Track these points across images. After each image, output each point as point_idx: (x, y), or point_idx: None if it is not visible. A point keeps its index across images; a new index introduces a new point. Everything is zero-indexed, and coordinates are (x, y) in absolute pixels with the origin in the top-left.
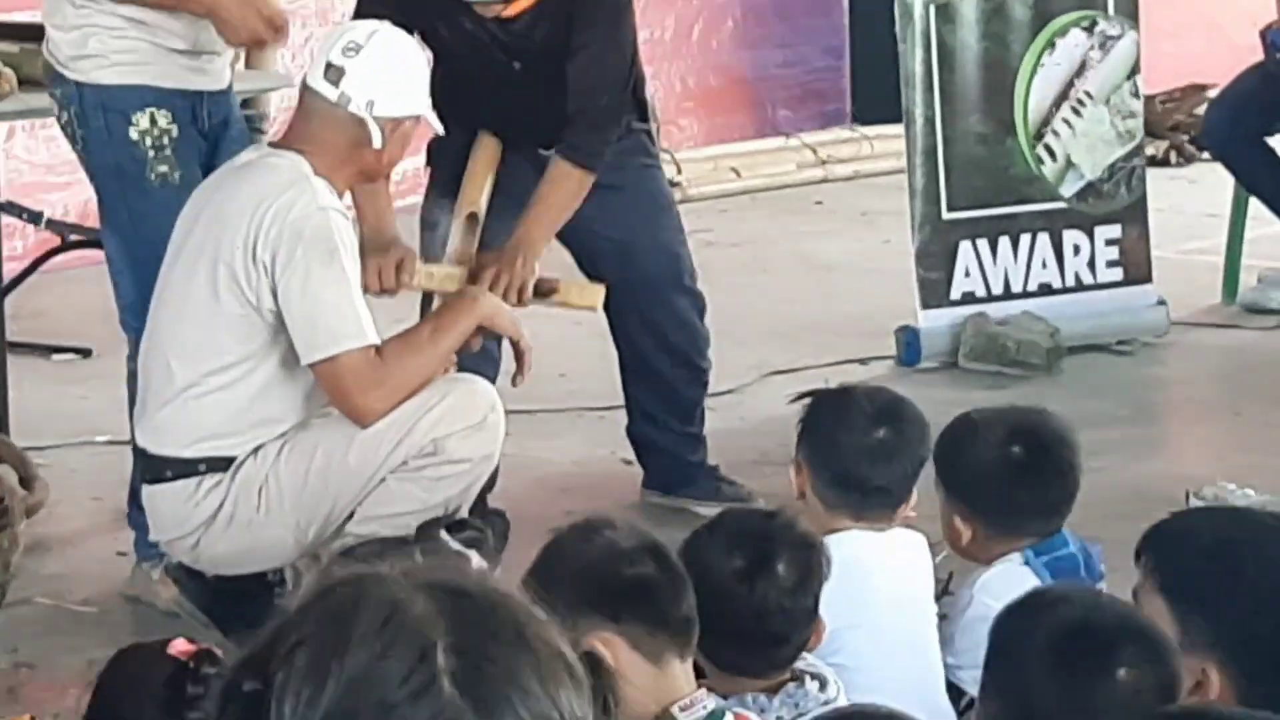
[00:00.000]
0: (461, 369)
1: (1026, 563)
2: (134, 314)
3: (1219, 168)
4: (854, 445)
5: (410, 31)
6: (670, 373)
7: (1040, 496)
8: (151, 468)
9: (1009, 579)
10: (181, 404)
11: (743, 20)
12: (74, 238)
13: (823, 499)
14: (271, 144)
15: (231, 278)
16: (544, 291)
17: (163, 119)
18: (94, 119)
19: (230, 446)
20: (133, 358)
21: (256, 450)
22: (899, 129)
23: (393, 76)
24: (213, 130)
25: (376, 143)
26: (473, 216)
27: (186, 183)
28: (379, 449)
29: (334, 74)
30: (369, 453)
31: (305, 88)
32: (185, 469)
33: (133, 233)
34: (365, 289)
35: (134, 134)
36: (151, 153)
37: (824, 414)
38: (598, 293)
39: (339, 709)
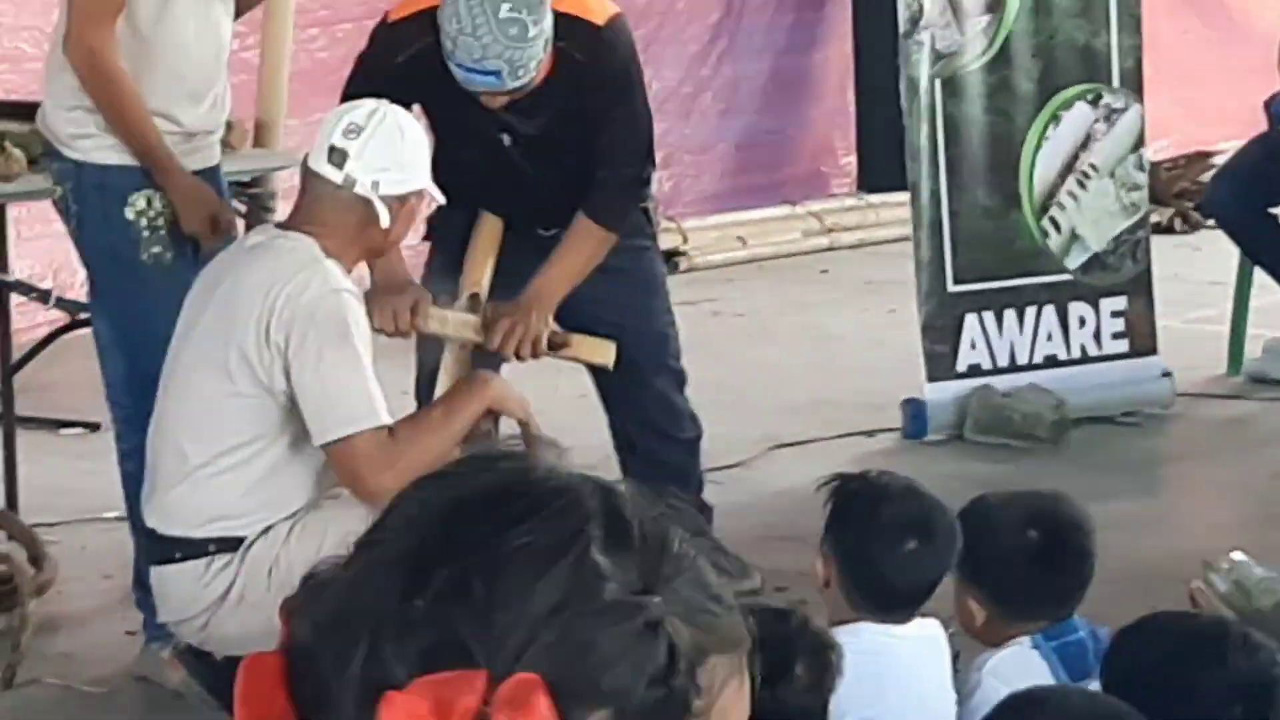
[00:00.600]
0: None
1: (1036, 647)
2: (121, 391)
3: (1224, 235)
4: (886, 558)
5: (407, 108)
6: (651, 445)
7: (1056, 583)
8: (160, 549)
9: (1017, 663)
10: (192, 485)
11: (749, 88)
12: (83, 316)
13: (848, 598)
14: (279, 225)
15: (243, 359)
16: (557, 345)
17: (159, 201)
18: (91, 198)
19: (240, 526)
20: (120, 437)
21: (266, 530)
22: (905, 197)
23: (395, 155)
24: None
25: (384, 222)
26: (475, 297)
27: (179, 264)
28: None
29: (337, 157)
30: None
31: (308, 171)
32: (194, 549)
33: (122, 311)
34: (379, 330)
35: (130, 214)
36: (146, 233)
37: (855, 517)
38: (609, 348)
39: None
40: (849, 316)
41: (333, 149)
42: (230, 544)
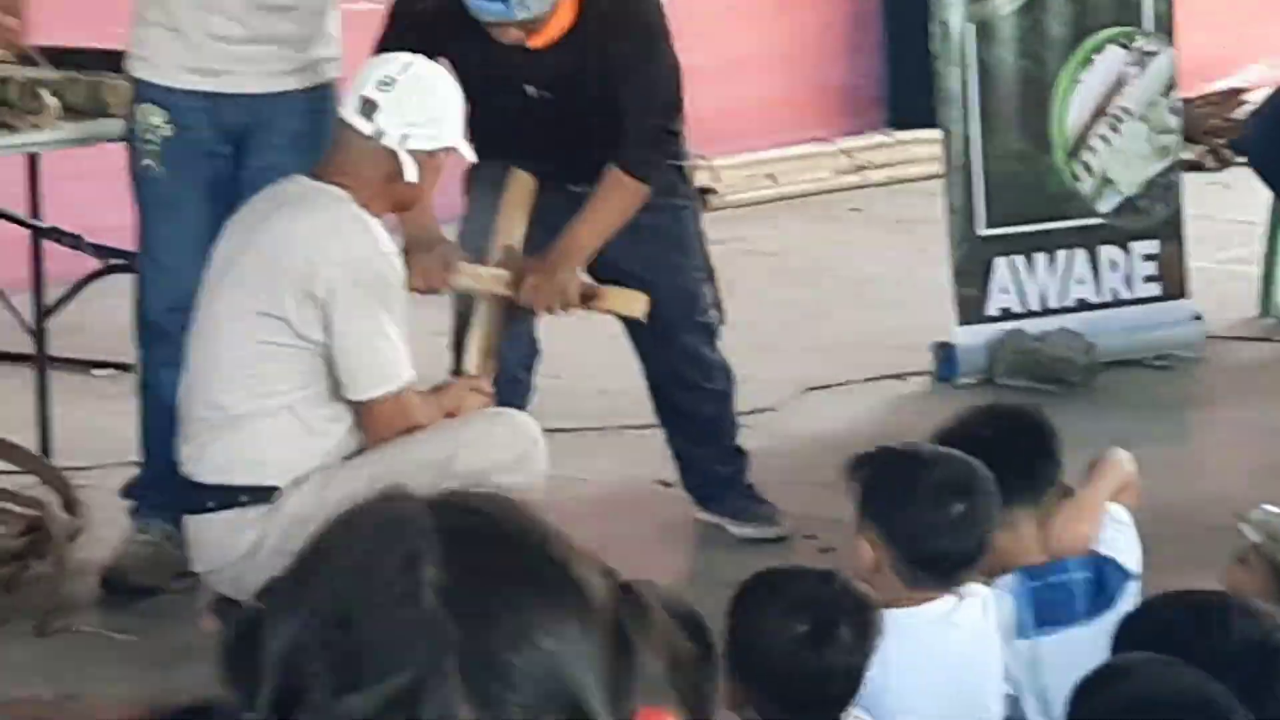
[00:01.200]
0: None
1: (1013, 589)
2: (140, 287)
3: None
4: (934, 527)
5: (437, 60)
6: (681, 396)
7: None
8: (194, 498)
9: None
10: (226, 433)
11: (780, 25)
12: (115, 261)
13: (902, 575)
14: (310, 175)
15: (282, 312)
16: (587, 298)
17: (156, 116)
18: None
19: (273, 475)
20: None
21: (299, 482)
22: (935, 134)
23: (426, 110)
24: (236, 133)
25: (410, 176)
26: (509, 249)
27: (168, 181)
28: (419, 484)
29: (368, 108)
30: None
31: (340, 121)
32: (227, 499)
33: (138, 216)
34: (411, 288)
35: (136, 123)
36: (143, 144)
37: (893, 492)
38: (640, 300)
39: (320, 611)
40: (879, 255)
41: (364, 100)
42: (263, 493)
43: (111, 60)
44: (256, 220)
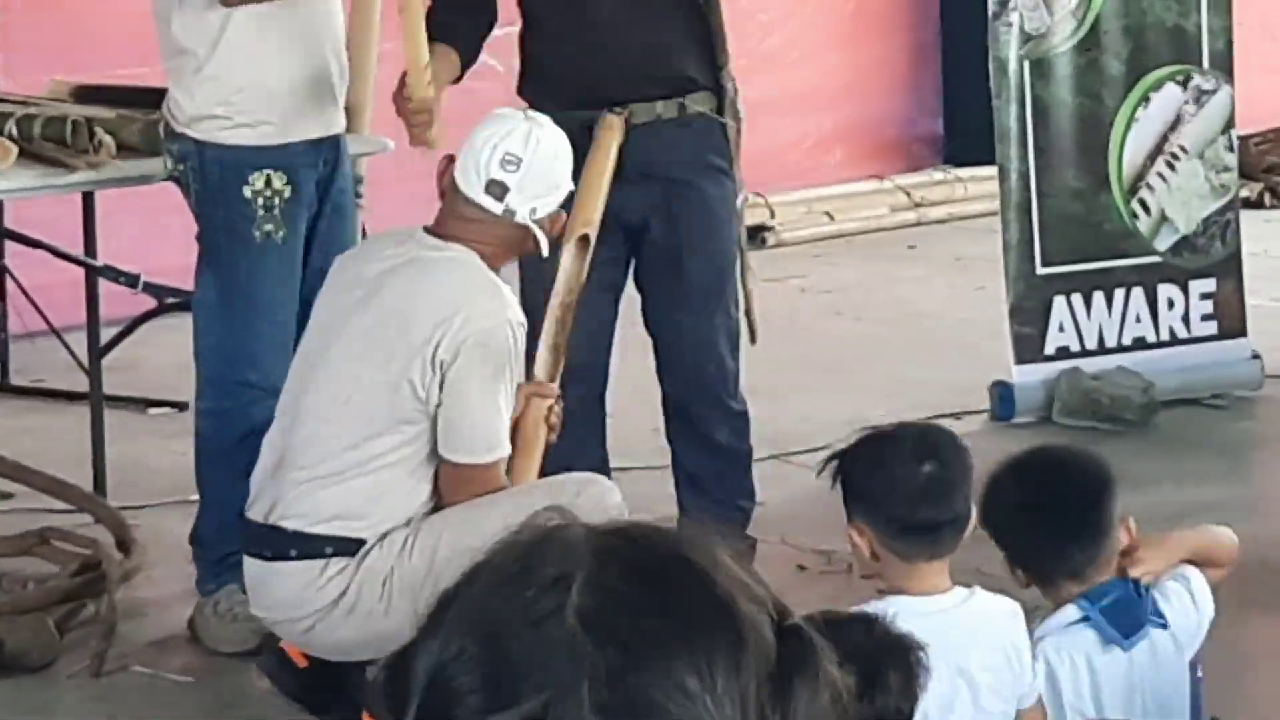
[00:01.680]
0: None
1: (1083, 613)
2: (212, 353)
3: None
4: (910, 491)
5: None
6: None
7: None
8: (275, 544)
9: (1068, 634)
10: (327, 482)
11: (837, 63)
12: (170, 300)
13: (896, 552)
14: (428, 230)
15: (407, 375)
16: None
17: (278, 180)
18: (211, 175)
19: (361, 528)
20: (201, 395)
21: (384, 538)
22: (992, 170)
23: (551, 180)
24: (324, 181)
25: (544, 249)
26: (584, 239)
27: (288, 243)
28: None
29: (497, 189)
30: None
31: (461, 195)
32: (311, 548)
33: (231, 282)
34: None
35: (248, 193)
36: (261, 211)
37: (866, 470)
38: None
39: (468, 627)
40: (937, 293)
41: (491, 182)
42: (347, 546)
43: (144, 97)
44: (376, 276)
